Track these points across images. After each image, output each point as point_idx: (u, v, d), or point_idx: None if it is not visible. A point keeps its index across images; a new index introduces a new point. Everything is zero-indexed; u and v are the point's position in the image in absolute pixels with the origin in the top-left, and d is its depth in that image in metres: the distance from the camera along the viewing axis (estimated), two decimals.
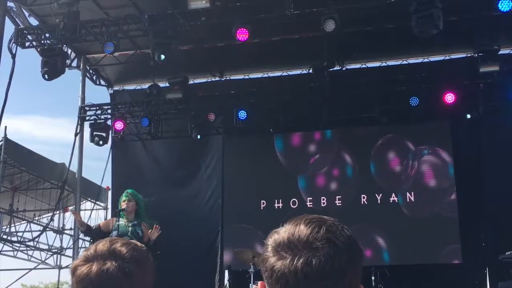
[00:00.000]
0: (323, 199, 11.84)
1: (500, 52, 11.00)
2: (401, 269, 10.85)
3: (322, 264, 1.29)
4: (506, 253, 9.08)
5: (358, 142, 12.04)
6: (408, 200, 11.49)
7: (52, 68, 10.42)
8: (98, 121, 12.80)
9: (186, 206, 12.49)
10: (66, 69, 11.17)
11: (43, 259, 14.86)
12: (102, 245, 1.72)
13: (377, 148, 11.89)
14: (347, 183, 11.94)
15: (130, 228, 7.52)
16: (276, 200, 12.01)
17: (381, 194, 11.61)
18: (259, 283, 1.41)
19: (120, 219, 7.54)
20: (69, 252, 14.06)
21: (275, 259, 1.34)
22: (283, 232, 1.37)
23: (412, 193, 11.50)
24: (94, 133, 12.55)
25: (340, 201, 11.75)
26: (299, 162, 12.27)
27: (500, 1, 9.04)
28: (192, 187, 12.74)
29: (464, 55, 11.92)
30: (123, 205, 7.54)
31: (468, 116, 11.41)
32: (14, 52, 10.64)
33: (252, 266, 8.86)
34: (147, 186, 11.69)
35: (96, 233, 7.40)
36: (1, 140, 12.18)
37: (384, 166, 11.80)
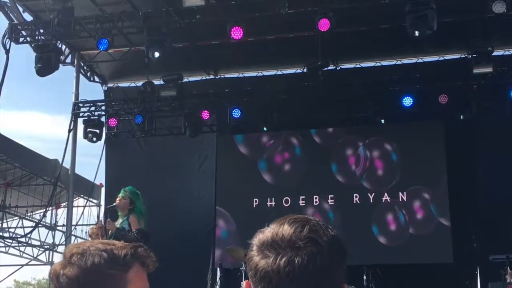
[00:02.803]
0: (315, 198, 11.88)
1: (494, 54, 11.03)
2: (393, 269, 10.88)
3: (304, 263, 1.30)
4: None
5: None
6: (400, 200, 11.55)
7: (46, 64, 10.39)
8: (91, 117, 12.79)
9: (179, 204, 12.49)
10: (60, 65, 11.15)
11: (35, 255, 14.81)
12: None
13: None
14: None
15: (118, 225, 7.59)
16: (268, 199, 12.02)
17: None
18: (245, 282, 1.42)
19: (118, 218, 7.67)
20: (61, 248, 14.03)
21: (259, 258, 1.35)
22: (267, 232, 1.38)
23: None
24: (88, 129, 12.54)
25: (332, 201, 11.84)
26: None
27: (494, 3, 9.06)
28: (185, 184, 12.73)
29: (457, 56, 11.95)
30: (116, 201, 7.67)
31: (461, 117, 11.44)
32: (8, 47, 10.62)
33: (243, 264, 8.89)
34: (140, 183, 11.62)
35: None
36: None
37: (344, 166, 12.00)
